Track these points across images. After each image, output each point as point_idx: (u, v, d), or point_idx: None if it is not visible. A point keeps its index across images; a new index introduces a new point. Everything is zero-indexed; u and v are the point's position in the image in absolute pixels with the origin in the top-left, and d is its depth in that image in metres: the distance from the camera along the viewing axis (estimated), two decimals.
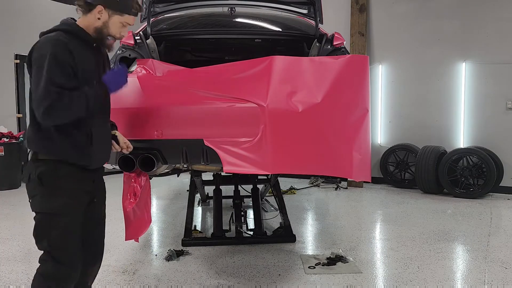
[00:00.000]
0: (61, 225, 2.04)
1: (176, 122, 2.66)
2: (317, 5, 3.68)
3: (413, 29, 7.12)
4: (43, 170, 2.01)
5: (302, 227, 4.75)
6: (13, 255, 3.83)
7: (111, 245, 4.04)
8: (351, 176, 2.89)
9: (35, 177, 2.01)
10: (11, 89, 7.72)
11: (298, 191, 6.76)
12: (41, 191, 2.02)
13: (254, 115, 2.59)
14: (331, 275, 3.31)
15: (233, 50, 4.31)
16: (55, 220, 2.03)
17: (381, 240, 4.34)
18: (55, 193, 2.03)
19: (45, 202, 2.03)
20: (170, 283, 3.21)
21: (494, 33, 6.53)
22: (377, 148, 7.31)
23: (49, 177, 2.02)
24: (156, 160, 2.66)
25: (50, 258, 2.06)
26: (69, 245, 2.07)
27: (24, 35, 7.85)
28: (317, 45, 3.56)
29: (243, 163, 2.57)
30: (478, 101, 6.68)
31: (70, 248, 2.08)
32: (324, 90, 2.71)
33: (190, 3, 3.86)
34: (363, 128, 2.90)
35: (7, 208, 5.38)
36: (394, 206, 5.77)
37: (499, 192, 6.42)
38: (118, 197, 2.90)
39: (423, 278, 3.28)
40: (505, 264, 3.55)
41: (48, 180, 2.02)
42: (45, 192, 2.02)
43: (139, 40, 3.40)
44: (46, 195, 2.02)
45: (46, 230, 2.04)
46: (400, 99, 7.28)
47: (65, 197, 2.04)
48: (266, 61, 2.82)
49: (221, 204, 4.43)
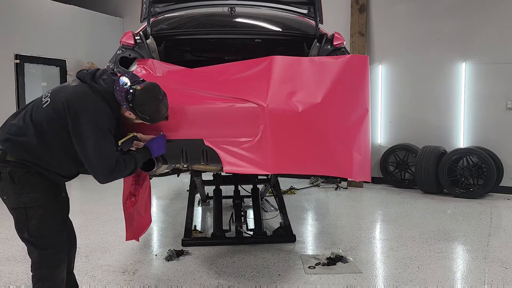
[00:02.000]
0: (37, 215, 2.21)
1: (176, 122, 2.66)
2: (317, 5, 3.68)
3: (413, 29, 7.11)
4: (14, 169, 2.17)
5: (302, 227, 4.75)
6: (13, 255, 3.83)
7: (111, 245, 4.04)
8: (351, 176, 2.89)
9: (7, 175, 2.16)
10: (11, 89, 7.71)
11: (298, 191, 6.75)
12: (13, 188, 2.19)
13: (254, 115, 2.59)
14: (331, 275, 3.31)
15: (233, 50, 4.31)
16: (30, 212, 2.21)
17: (381, 240, 4.34)
18: (27, 190, 2.19)
19: (18, 198, 2.20)
20: (170, 283, 3.21)
21: (494, 33, 6.53)
22: (377, 148, 7.31)
23: (20, 175, 2.18)
24: (156, 160, 2.66)
25: (33, 248, 2.26)
26: (48, 232, 2.25)
27: (24, 35, 7.85)
28: (317, 45, 3.56)
29: (243, 163, 2.57)
30: (478, 101, 6.68)
31: (50, 235, 2.26)
32: (324, 90, 2.71)
33: (190, 3, 3.85)
34: (363, 128, 2.90)
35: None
36: (394, 206, 5.77)
37: (499, 192, 6.41)
38: (118, 197, 2.90)
39: (423, 278, 3.28)
40: (505, 264, 3.55)
41: (19, 178, 2.18)
42: (17, 189, 2.19)
43: (139, 40, 3.40)
44: (19, 191, 2.19)
45: (24, 222, 2.23)
46: (400, 99, 7.28)
47: (37, 192, 2.21)
48: (266, 61, 2.82)
49: (221, 204, 4.43)
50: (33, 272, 2.29)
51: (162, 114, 2.40)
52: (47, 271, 2.26)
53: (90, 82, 2.26)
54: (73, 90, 2.24)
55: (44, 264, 2.26)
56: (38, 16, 8.07)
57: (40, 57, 8.14)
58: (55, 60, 8.40)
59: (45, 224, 2.24)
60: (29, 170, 2.18)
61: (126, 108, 2.28)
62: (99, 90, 2.24)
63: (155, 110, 2.32)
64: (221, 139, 2.62)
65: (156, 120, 2.39)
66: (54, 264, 2.28)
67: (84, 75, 2.30)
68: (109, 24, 9.52)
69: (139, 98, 2.26)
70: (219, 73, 2.96)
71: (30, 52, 7.95)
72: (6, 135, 2.20)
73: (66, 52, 8.50)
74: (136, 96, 2.25)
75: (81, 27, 8.82)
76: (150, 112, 2.31)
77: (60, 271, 2.31)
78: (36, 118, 2.19)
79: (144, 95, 2.28)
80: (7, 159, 2.16)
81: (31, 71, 8.13)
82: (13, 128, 2.21)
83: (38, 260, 2.26)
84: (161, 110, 2.37)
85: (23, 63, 7.87)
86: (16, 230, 2.28)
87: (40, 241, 2.24)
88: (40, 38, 8.10)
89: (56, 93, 2.26)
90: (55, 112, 2.18)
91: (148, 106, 2.29)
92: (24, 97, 7.85)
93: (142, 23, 3.66)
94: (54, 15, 8.31)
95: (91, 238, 4.21)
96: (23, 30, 7.81)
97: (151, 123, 2.39)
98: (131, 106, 2.26)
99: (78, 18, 8.76)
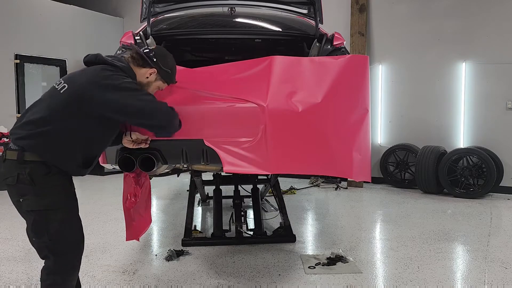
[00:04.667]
0: (57, 218, 2.12)
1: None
2: (317, 5, 3.68)
3: (413, 29, 7.12)
4: (33, 170, 2.07)
5: (302, 227, 4.75)
6: (13, 255, 3.83)
7: (111, 245, 4.04)
8: (351, 176, 2.89)
9: (26, 176, 2.05)
10: (11, 89, 7.72)
11: (298, 191, 6.76)
12: (33, 190, 2.08)
13: (254, 115, 2.59)
14: (331, 275, 3.31)
15: (233, 50, 4.30)
16: (51, 215, 2.11)
17: (381, 240, 4.34)
18: (47, 191, 2.10)
19: (39, 200, 2.09)
20: (170, 283, 3.21)
21: (494, 33, 6.53)
22: (377, 148, 7.31)
23: (40, 176, 2.08)
24: (156, 160, 2.66)
25: (50, 253, 2.14)
26: (67, 237, 2.17)
27: (24, 35, 7.86)
28: (317, 45, 3.56)
29: (243, 163, 2.57)
30: (478, 101, 6.68)
31: (69, 239, 2.18)
32: (324, 90, 2.71)
33: (190, 3, 3.85)
34: (363, 128, 2.90)
35: (7, 208, 5.45)
36: (394, 206, 5.77)
37: (499, 192, 6.41)
38: (118, 198, 2.90)
39: (423, 278, 3.28)
40: (505, 264, 3.55)
41: (40, 179, 2.08)
42: (38, 191, 2.09)
43: (139, 40, 3.40)
44: (39, 193, 2.09)
45: (44, 226, 2.11)
46: (400, 99, 7.28)
47: (58, 193, 2.13)
48: (266, 61, 2.82)
49: (221, 204, 4.43)
50: (43, 276, 2.17)
51: (176, 70, 2.57)
52: (61, 278, 2.16)
53: (107, 61, 2.27)
54: (92, 71, 2.21)
55: (58, 271, 2.15)
56: (38, 16, 8.08)
57: (40, 57, 8.15)
58: (55, 60, 8.41)
59: (66, 227, 2.15)
60: (49, 171, 2.09)
61: (151, 64, 2.39)
62: (118, 65, 2.28)
63: (173, 63, 2.53)
64: (221, 139, 2.62)
65: (173, 76, 2.54)
66: (69, 271, 2.19)
67: (96, 56, 2.29)
68: (109, 24, 9.52)
69: (160, 53, 2.47)
70: (219, 73, 2.95)
71: (30, 52, 7.95)
72: (23, 132, 2.09)
73: (66, 52, 8.50)
74: (156, 51, 2.45)
75: (81, 27, 8.83)
76: (172, 65, 2.50)
77: (73, 278, 2.23)
78: (56, 106, 2.11)
79: (162, 49, 2.54)
80: (25, 159, 2.06)
81: (31, 71, 8.13)
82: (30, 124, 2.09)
83: (53, 266, 2.15)
84: (175, 65, 2.56)
85: (23, 63, 7.88)
86: (31, 233, 2.15)
87: (59, 245, 2.14)
88: (40, 38, 8.10)
89: (72, 78, 2.21)
90: (78, 95, 2.11)
91: (169, 57, 2.50)
92: (24, 97, 7.86)
93: (142, 23, 3.66)
94: (54, 15, 8.32)
95: (91, 238, 4.21)
96: (23, 30, 7.82)
97: (169, 82, 2.53)
98: (155, 60, 2.40)
99: (78, 18, 8.76)
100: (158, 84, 2.47)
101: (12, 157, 2.08)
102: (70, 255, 2.19)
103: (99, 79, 2.15)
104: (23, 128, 2.11)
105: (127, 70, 2.32)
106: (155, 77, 2.44)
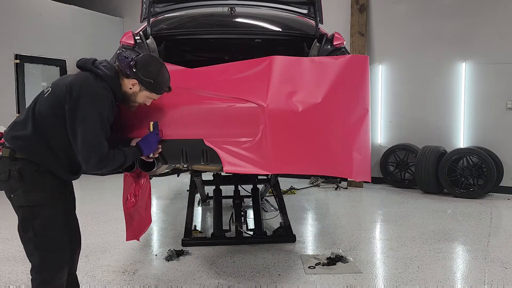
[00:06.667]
0: (43, 214, 2.16)
1: (176, 122, 2.66)
2: (317, 5, 3.68)
3: (413, 29, 7.11)
4: (23, 166, 2.14)
5: (302, 227, 4.75)
6: (13, 255, 3.83)
7: (111, 245, 4.04)
8: (351, 176, 2.89)
9: (16, 173, 2.13)
10: (11, 89, 7.72)
11: (298, 191, 6.76)
12: (22, 186, 2.15)
13: (254, 115, 2.59)
14: (331, 275, 3.31)
15: (233, 50, 4.30)
16: (37, 211, 2.16)
17: (381, 240, 4.34)
18: (36, 188, 2.16)
19: (27, 196, 2.15)
20: (170, 283, 3.21)
21: (494, 33, 6.53)
22: (377, 148, 7.31)
23: (29, 173, 2.14)
24: (156, 160, 2.66)
25: (35, 249, 2.18)
26: (53, 233, 2.20)
27: (24, 35, 7.85)
28: (317, 45, 3.56)
29: (243, 163, 2.57)
30: (478, 101, 6.68)
31: (54, 236, 2.21)
32: (324, 90, 2.71)
33: (190, 3, 3.85)
34: (363, 128, 2.90)
35: (7, 208, 5.48)
36: (394, 206, 5.77)
37: (499, 192, 6.41)
38: (118, 198, 2.90)
39: (423, 278, 3.28)
40: (505, 264, 3.55)
41: (29, 176, 2.14)
42: (26, 187, 2.15)
43: (139, 40, 3.40)
44: (28, 189, 2.15)
45: (30, 221, 2.16)
46: (400, 99, 7.28)
47: (46, 191, 2.17)
48: (266, 61, 2.82)
49: (221, 204, 4.43)
50: (33, 276, 2.21)
51: (166, 78, 2.39)
52: (49, 275, 2.20)
53: (91, 69, 2.24)
54: (75, 76, 2.23)
55: (45, 268, 2.19)
56: (38, 16, 8.08)
57: (40, 57, 8.14)
58: (55, 60, 8.41)
59: (51, 223, 2.19)
60: (38, 168, 2.15)
61: (130, 74, 2.26)
62: (101, 75, 2.23)
63: (158, 71, 2.34)
64: (221, 139, 2.62)
65: (161, 86, 2.36)
66: (55, 268, 2.22)
67: (85, 62, 2.28)
68: (109, 24, 9.52)
69: (141, 60, 2.30)
70: (219, 73, 2.95)
71: (30, 52, 7.95)
72: (13, 133, 2.19)
73: (66, 52, 8.50)
74: (138, 60, 2.29)
75: (81, 27, 8.83)
76: (155, 74, 2.31)
77: (61, 275, 2.25)
78: (39, 109, 2.16)
79: (146, 57, 2.38)
80: (16, 156, 2.14)
81: (31, 71, 8.13)
82: (18, 125, 2.20)
83: (40, 264, 2.19)
84: (164, 73, 2.37)
85: (23, 63, 7.88)
86: (19, 230, 2.21)
87: (44, 241, 2.18)
88: (40, 38, 8.10)
89: (57, 82, 2.25)
90: (56, 99, 2.14)
91: (152, 66, 2.31)
92: (24, 97, 7.86)
93: (142, 23, 3.66)
94: (54, 15, 8.31)
95: (91, 238, 4.21)
96: (23, 30, 7.81)
97: (157, 92, 2.36)
98: (135, 71, 2.25)
99: (78, 18, 8.76)
100: (145, 94, 2.35)
101: (5, 155, 2.17)
102: (55, 252, 2.22)
103: (76, 88, 2.14)
104: (13, 129, 2.21)
105: (110, 81, 2.24)
106: (139, 88, 2.31)
